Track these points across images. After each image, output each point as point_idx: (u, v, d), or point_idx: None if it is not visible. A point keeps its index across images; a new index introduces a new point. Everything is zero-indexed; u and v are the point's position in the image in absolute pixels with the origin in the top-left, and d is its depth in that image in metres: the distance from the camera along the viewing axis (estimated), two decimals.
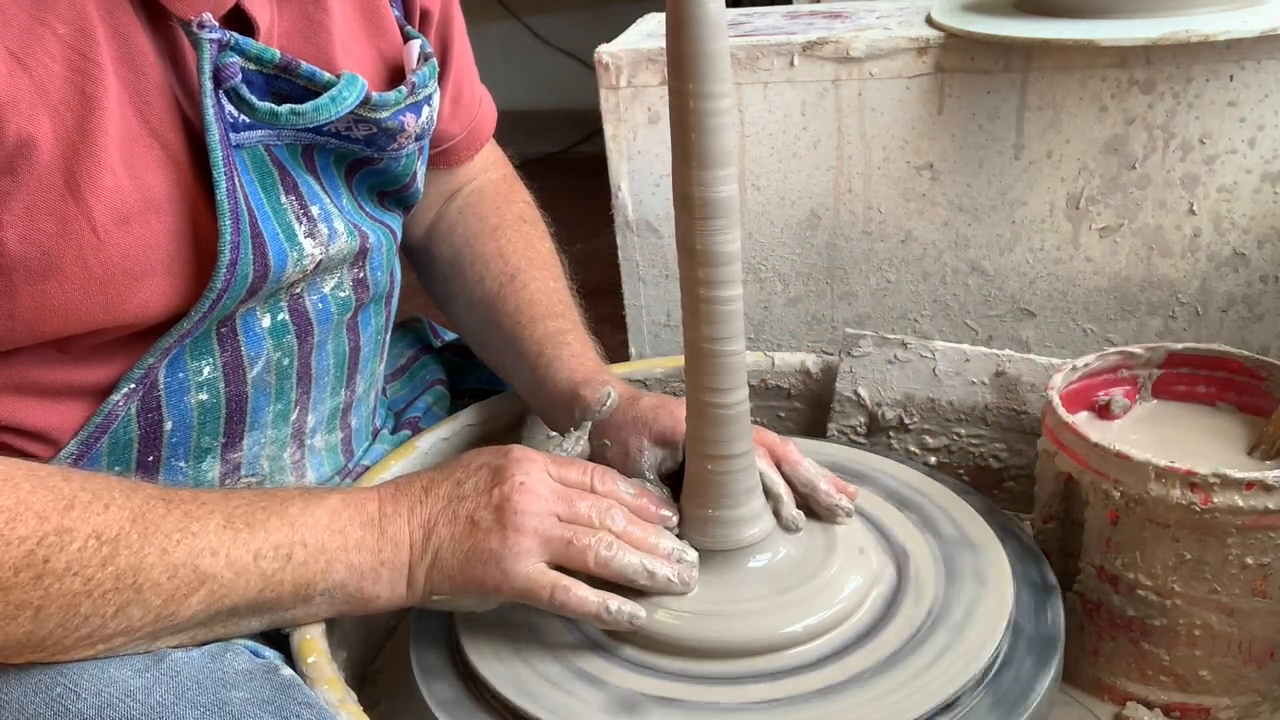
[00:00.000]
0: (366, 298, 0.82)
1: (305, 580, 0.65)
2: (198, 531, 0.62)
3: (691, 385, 0.69)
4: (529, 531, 0.66)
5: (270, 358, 0.76)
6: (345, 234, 0.77)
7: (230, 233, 0.67)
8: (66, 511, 0.59)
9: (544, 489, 0.68)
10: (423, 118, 0.81)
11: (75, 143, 0.62)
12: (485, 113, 1.00)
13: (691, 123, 0.62)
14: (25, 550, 0.57)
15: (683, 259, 0.66)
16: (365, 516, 0.68)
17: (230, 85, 0.68)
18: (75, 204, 0.62)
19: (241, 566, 0.63)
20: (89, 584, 0.59)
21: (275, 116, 0.70)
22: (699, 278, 0.66)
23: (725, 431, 0.69)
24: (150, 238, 0.66)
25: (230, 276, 0.68)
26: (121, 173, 0.64)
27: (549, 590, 0.66)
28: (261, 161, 0.72)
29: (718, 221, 0.64)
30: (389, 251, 0.84)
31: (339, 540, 0.66)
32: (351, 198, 0.81)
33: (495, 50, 3.40)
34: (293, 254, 0.72)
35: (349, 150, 0.78)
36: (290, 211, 0.73)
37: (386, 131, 0.78)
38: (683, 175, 0.64)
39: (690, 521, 0.72)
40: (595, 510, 0.69)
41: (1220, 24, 0.97)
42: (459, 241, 0.97)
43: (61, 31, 0.61)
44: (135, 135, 0.65)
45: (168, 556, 0.61)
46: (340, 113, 0.73)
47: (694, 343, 0.68)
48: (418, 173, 0.86)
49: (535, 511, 0.67)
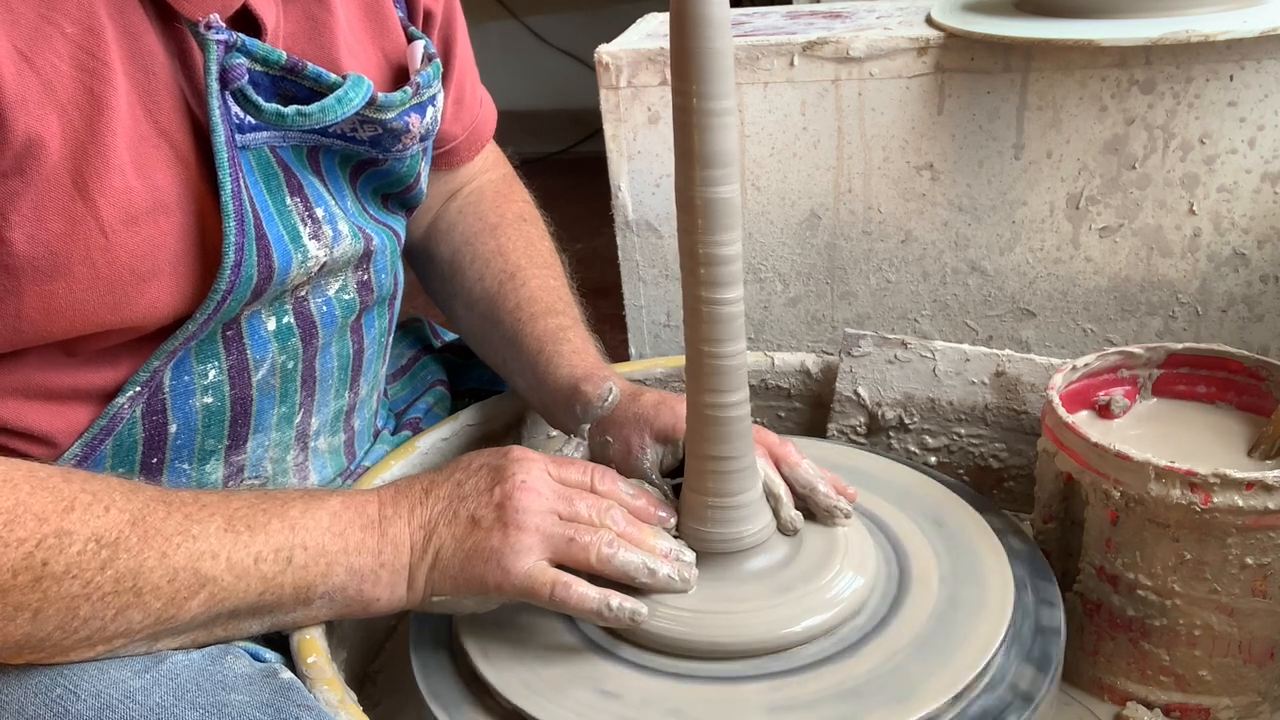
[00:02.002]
0: (371, 300, 0.82)
1: (306, 583, 0.65)
2: (198, 534, 0.62)
3: (692, 388, 0.69)
4: (530, 529, 0.66)
5: (275, 361, 0.76)
6: (350, 236, 0.77)
7: (235, 234, 0.67)
8: (66, 514, 0.59)
9: (544, 488, 0.68)
10: (427, 118, 0.81)
11: (84, 142, 0.62)
12: (486, 114, 1.00)
13: (694, 122, 0.62)
14: (24, 553, 0.57)
15: (684, 261, 0.66)
16: (365, 519, 0.68)
17: (237, 86, 0.68)
18: (84, 204, 0.62)
19: (242, 569, 0.63)
20: (88, 587, 0.59)
21: (282, 118, 0.70)
22: (700, 279, 0.65)
23: (725, 434, 0.69)
24: (159, 238, 0.66)
25: (235, 278, 0.68)
26: (130, 173, 0.64)
27: (550, 587, 0.66)
28: (267, 163, 0.72)
29: (720, 220, 0.64)
30: (393, 254, 0.84)
31: (339, 543, 0.66)
32: (356, 200, 0.81)
33: (495, 50, 3.40)
34: (297, 255, 0.72)
35: (354, 152, 0.78)
36: (295, 213, 0.73)
37: (392, 132, 0.78)
38: (685, 176, 0.64)
39: (690, 520, 0.72)
40: (595, 510, 0.69)
41: (1220, 24, 0.97)
42: (459, 240, 0.97)
43: (70, 31, 0.61)
44: (144, 135, 0.65)
45: (168, 560, 0.61)
46: (346, 114, 0.73)
47: (694, 345, 0.68)
48: (422, 174, 0.86)
49: (536, 509, 0.67)
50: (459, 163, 0.99)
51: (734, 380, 0.68)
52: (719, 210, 0.64)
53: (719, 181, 0.63)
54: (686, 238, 0.65)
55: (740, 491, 0.71)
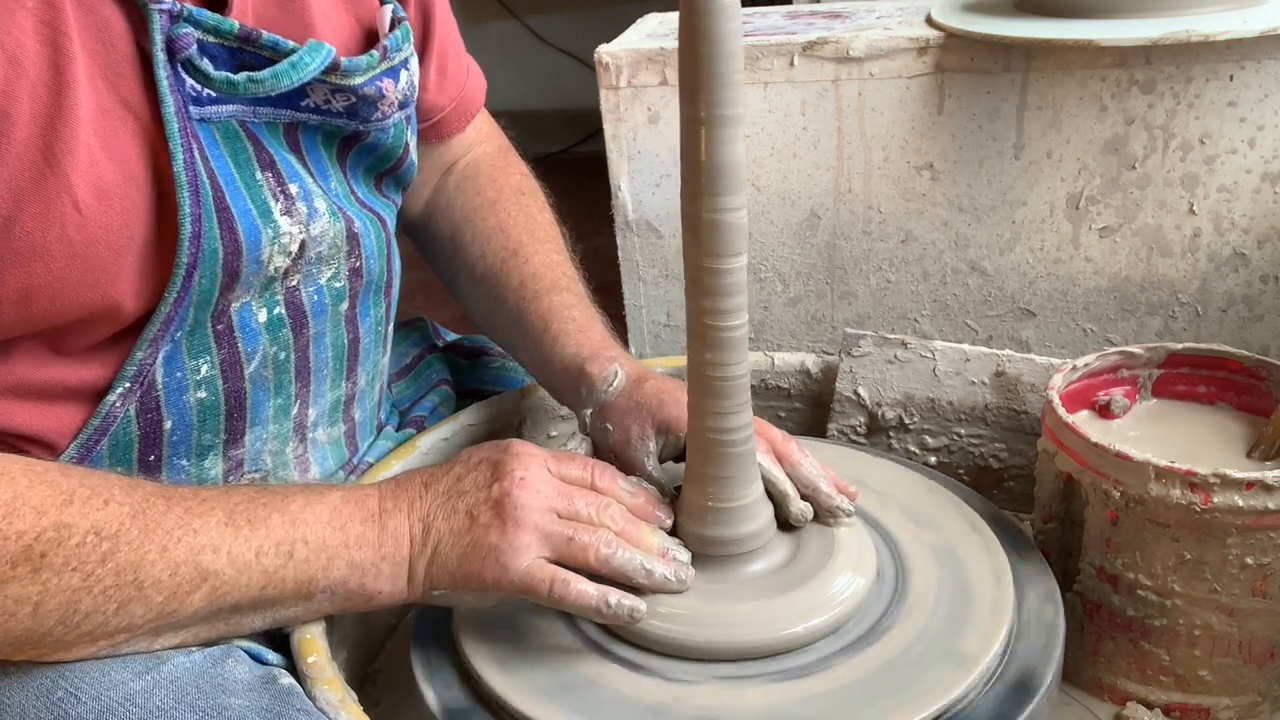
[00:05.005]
0: (360, 286, 0.81)
1: (307, 577, 0.65)
2: (199, 528, 0.62)
3: (693, 359, 0.69)
4: (528, 527, 0.66)
5: (267, 352, 0.75)
6: (327, 214, 0.76)
7: (190, 205, 0.66)
8: (65, 507, 0.59)
9: (544, 485, 0.68)
10: (402, 83, 0.80)
11: (51, 117, 0.61)
12: (474, 83, 1.00)
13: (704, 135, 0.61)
14: (23, 545, 0.57)
15: (686, 235, 0.66)
16: (366, 512, 0.68)
17: (184, 56, 0.67)
18: (55, 179, 0.61)
19: (243, 564, 0.63)
20: (89, 580, 0.59)
21: (233, 86, 0.70)
22: (703, 249, 0.65)
23: (727, 404, 0.68)
24: (132, 211, 0.65)
25: (195, 250, 0.67)
26: (96, 146, 0.63)
27: (548, 584, 0.66)
28: (235, 136, 0.71)
29: (725, 181, 0.63)
30: (379, 239, 0.83)
31: (340, 536, 0.66)
32: (343, 181, 0.80)
33: (495, 50, 3.40)
34: (267, 231, 0.71)
35: (334, 127, 0.77)
36: (266, 188, 0.72)
37: (365, 99, 0.77)
38: (692, 200, 0.63)
39: (689, 522, 0.72)
40: (594, 507, 0.69)
41: (1220, 24, 0.97)
42: (458, 217, 0.97)
43: (30, 4, 0.61)
44: (108, 108, 0.64)
45: (169, 553, 0.61)
46: (302, 79, 0.72)
47: (696, 316, 0.67)
48: (409, 146, 0.85)
49: (535, 507, 0.67)
50: (450, 134, 0.98)
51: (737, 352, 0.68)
52: (727, 170, 0.62)
53: (727, 208, 0.63)
54: (691, 207, 0.65)
55: (740, 492, 0.71)
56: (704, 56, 0.60)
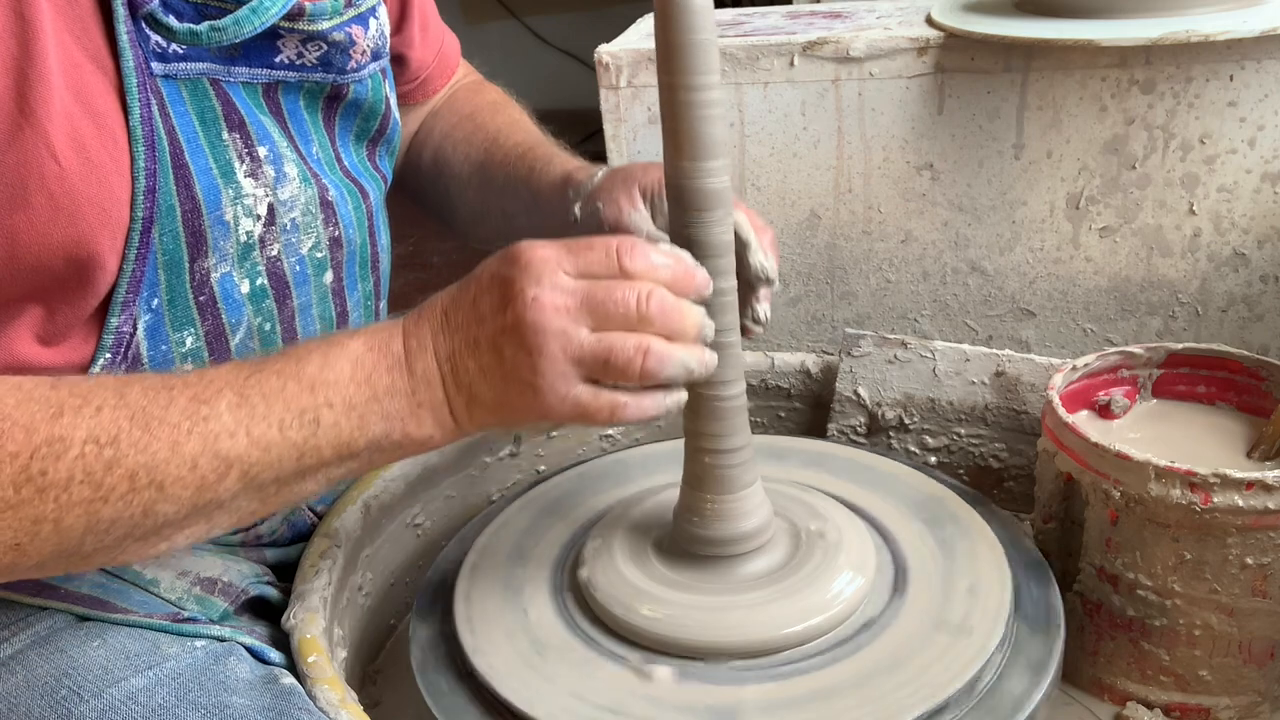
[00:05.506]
0: (343, 257, 0.81)
1: (343, 440, 0.62)
2: (209, 415, 0.59)
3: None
4: (554, 355, 0.61)
5: (251, 323, 0.75)
6: (298, 179, 0.75)
7: (144, 159, 0.65)
8: (55, 420, 0.56)
9: (562, 298, 0.62)
10: (371, 30, 0.80)
11: (23, 67, 0.60)
12: (450, 41, 1.03)
13: (680, 114, 0.63)
14: (19, 466, 0.55)
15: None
16: (392, 358, 0.63)
17: (147, 11, 0.66)
18: (32, 130, 0.60)
19: (268, 442, 0.60)
20: (100, 489, 0.57)
21: (196, 36, 0.69)
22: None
23: (724, 425, 0.69)
24: (111, 163, 0.64)
25: (150, 205, 0.66)
26: (70, 99, 0.63)
27: (605, 413, 0.63)
28: (204, 94, 0.70)
29: (713, 214, 0.65)
30: (358, 209, 0.82)
31: (367, 391, 0.62)
32: (328, 146, 0.80)
33: (495, 50, 3.40)
34: (228, 191, 0.70)
35: (312, 83, 0.77)
36: (231, 148, 0.71)
37: (336, 46, 0.77)
38: (674, 167, 0.65)
39: (689, 515, 0.72)
40: (631, 302, 0.62)
41: (1220, 24, 0.97)
42: (438, 138, 0.98)
43: None
44: (77, 62, 0.64)
45: (181, 448, 0.58)
46: (265, 23, 0.71)
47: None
48: (389, 102, 0.85)
49: (556, 329, 0.62)
50: (434, 91, 1.01)
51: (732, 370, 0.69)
52: (710, 199, 0.65)
53: (709, 173, 0.65)
54: (678, 226, 0.67)
55: (739, 484, 0.71)
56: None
